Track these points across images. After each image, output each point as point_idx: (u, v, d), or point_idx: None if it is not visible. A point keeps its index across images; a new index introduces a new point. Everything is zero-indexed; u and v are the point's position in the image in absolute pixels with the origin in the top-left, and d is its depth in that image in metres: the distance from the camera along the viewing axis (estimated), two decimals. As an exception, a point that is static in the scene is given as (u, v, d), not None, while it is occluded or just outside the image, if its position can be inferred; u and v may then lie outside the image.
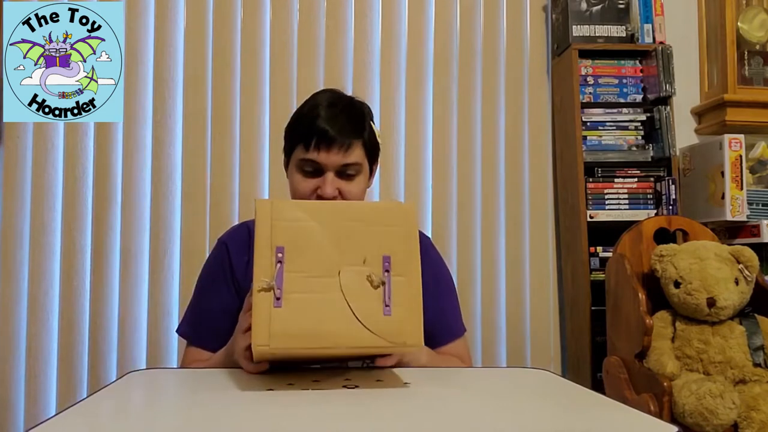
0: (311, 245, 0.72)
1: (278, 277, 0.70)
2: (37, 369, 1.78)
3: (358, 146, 1.03)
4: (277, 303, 0.69)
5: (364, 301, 0.71)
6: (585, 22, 1.91)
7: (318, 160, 1.01)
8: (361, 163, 1.05)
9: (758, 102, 1.98)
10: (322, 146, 1.00)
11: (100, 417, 0.66)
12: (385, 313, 0.70)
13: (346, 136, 1.01)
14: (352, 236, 0.73)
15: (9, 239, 1.80)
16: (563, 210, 1.99)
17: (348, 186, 1.03)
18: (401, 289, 0.72)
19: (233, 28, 1.91)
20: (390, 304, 0.71)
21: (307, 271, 0.71)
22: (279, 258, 0.71)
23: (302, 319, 0.69)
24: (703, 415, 1.28)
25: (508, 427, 0.63)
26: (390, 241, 0.74)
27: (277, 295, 0.69)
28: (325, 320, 0.70)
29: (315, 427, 0.60)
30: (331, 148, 1.00)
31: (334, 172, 1.02)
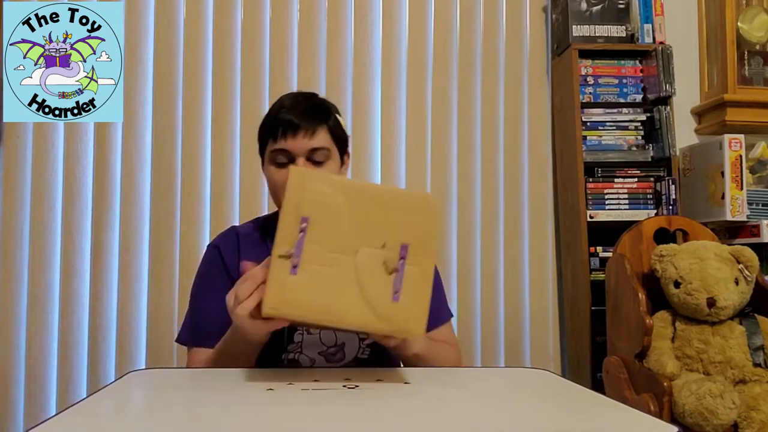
0: (335, 220, 0.73)
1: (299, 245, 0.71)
2: (36, 369, 1.78)
3: (322, 131, 1.07)
4: (293, 271, 0.70)
5: (376, 284, 0.72)
6: (585, 22, 1.91)
7: (286, 148, 1.04)
8: (329, 148, 1.08)
9: (758, 102, 1.98)
10: (288, 133, 1.04)
11: (100, 417, 0.66)
12: (394, 299, 0.72)
13: (309, 122, 1.05)
14: (375, 219, 0.74)
15: (9, 239, 1.80)
16: (563, 210, 1.99)
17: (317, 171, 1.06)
18: (413, 279, 0.73)
19: (233, 27, 1.91)
20: (400, 291, 0.72)
21: (327, 245, 0.72)
22: (302, 227, 0.71)
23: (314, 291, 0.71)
24: (703, 415, 1.28)
25: (508, 427, 0.63)
26: (410, 230, 0.74)
27: (294, 263, 0.70)
28: (336, 296, 0.71)
29: (315, 427, 0.60)
30: (297, 134, 1.04)
31: (304, 158, 1.05)
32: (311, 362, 1.05)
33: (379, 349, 1.06)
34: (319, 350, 1.06)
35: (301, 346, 1.05)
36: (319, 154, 1.05)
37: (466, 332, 1.94)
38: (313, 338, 1.05)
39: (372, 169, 1.95)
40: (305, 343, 1.05)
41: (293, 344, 1.05)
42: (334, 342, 1.06)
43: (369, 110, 1.96)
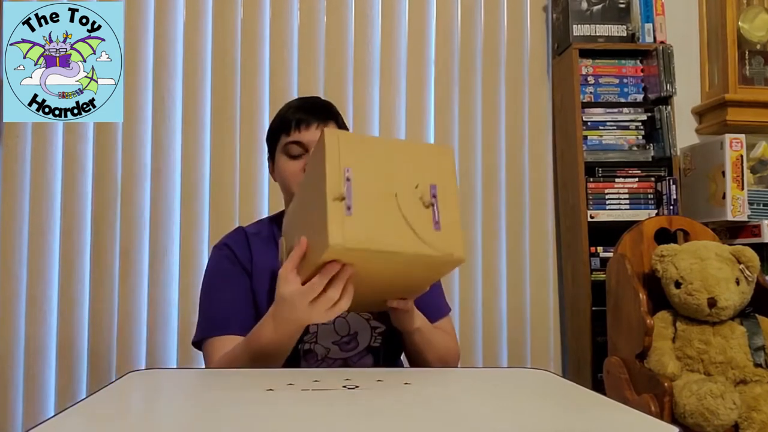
0: (372, 168, 0.81)
1: (348, 191, 0.78)
2: (36, 369, 1.78)
3: (333, 125, 1.12)
4: (349, 211, 0.77)
5: (418, 217, 0.80)
6: (585, 22, 1.91)
7: (301, 140, 1.09)
8: None
9: (759, 102, 1.98)
10: (302, 126, 1.09)
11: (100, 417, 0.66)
12: (435, 228, 0.80)
13: (321, 116, 1.11)
14: (405, 165, 0.83)
15: (8, 239, 1.80)
16: (563, 210, 1.98)
17: None
18: (446, 212, 0.82)
19: (233, 28, 1.91)
20: (439, 221, 0.80)
21: (371, 189, 0.79)
22: (347, 176, 0.78)
23: (370, 226, 0.78)
24: (704, 415, 1.28)
25: (508, 427, 0.63)
26: (436, 172, 0.84)
27: (347, 204, 0.77)
28: (389, 229, 0.78)
29: (315, 427, 0.60)
30: (310, 126, 1.09)
31: None
32: (326, 351, 1.07)
33: (390, 337, 1.09)
34: (333, 340, 1.07)
35: (316, 336, 1.07)
36: None
37: (467, 332, 1.94)
38: (327, 328, 1.07)
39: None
40: (320, 333, 1.07)
41: (309, 334, 1.06)
42: (347, 331, 1.08)
43: (369, 110, 1.96)
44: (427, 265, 0.83)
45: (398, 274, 0.85)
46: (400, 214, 0.78)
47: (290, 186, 1.10)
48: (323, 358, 1.06)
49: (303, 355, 1.06)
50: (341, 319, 1.07)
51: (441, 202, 0.82)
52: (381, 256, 0.78)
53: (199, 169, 1.87)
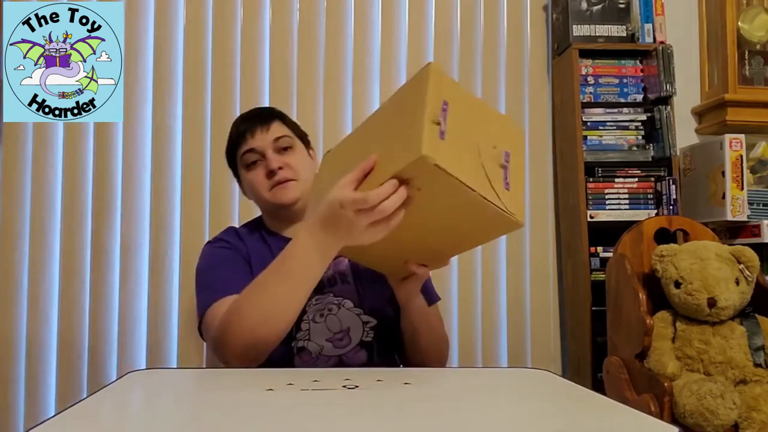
0: (465, 114, 0.81)
1: (444, 120, 0.77)
2: (36, 369, 1.78)
3: (277, 123, 1.16)
4: (442, 137, 0.76)
5: (494, 171, 0.81)
6: (585, 22, 1.91)
7: (252, 146, 1.13)
8: (290, 136, 1.16)
9: (759, 102, 1.98)
10: (248, 134, 1.13)
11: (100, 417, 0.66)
12: (506, 187, 0.81)
13: (263, 119, 1.15)
14: (491, 125, 0.85)
15: (9, 239, 1.80)
16: (563, 210, 1.98)
17: (289, 158, 1.13)
18: (514, 179, 0.83)
19: (233, 28, 1.91)
20: (509, 183, 0.82)
21: (461, 129, 0.79)
22: (444, 108, 0.78)
23: (457, 157, 0.77)
24: (704, 415, 1.28)
25: (508, 427, 0.63)
26: (512, 143, 0.86)
27: (442, 130, 0.76)
28: (471, 168, 0.78)
29: (315, 427, 0.60)
30: (255, 132, 1.13)
31: (272, 150, 1.13)
32: (320, 349, 1.07)
33: (382, 331, 1.10)
34: (327, 337, 1.08)
35: (308, 333, 1.07)
36: (282, 141, 1.14)
37: (467, 332, 1.94)
38: (320, 326, 1.07)
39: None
40: (312, 331, 1.07)
41: (301, 332, 1.07)
42: (339, 328, 1.08)
43: (369, 110, 1.96)
44: (489, 219, 0.82)
45: (456, 221, 0.84)
46: (480, 162, 0.79)
47: (260, 194, 1.14)
48: (317, 355, 1.07)
49: (297, 352, 1.06)
50: (333, 316, 1.08)
51: (512, 168, 0.83)
52: (457, 189, 0.76)
53: (199, 169, 1.87)
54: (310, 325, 1.07)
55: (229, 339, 0.90)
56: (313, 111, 1.93)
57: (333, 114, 1.94)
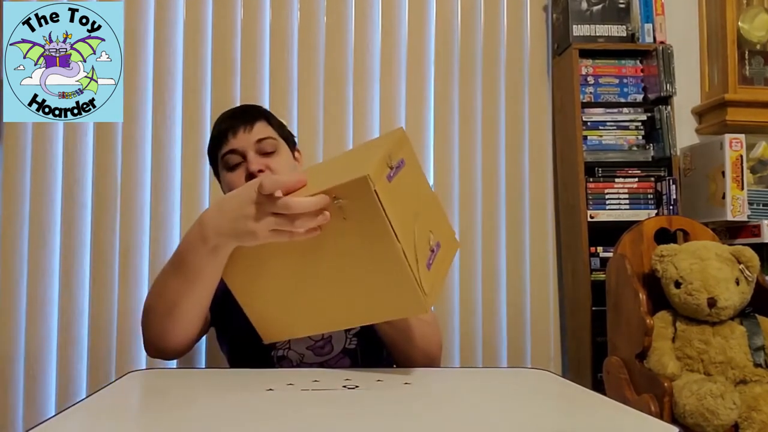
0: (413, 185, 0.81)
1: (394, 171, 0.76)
2: (36, 369, 1.78)
3: (261, 123, 1.11)
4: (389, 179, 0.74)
5: (422, 246, 0.78)
6: (585, 22, 1.91)
7: (234, 147, 1.08)
8: (274, 138, 1.12)
9: (759, 102, 1.98)
10: (229, 134, 1.09)
11: (100, 417, 0.66)
12: (427, 266, 0.78)
13: (246, 118, 1.10)
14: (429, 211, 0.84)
15: (9, 239, 1.79)
16: (563, 210, 1.98)
17: (271, 161, 1.08)
18: (438, 267, 0.81)
19: (233, 28, 1.91)
20: (431, 265, 0.79)
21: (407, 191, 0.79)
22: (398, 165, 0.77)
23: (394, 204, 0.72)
24: (704, 415, 1.28)
25: (508, 427, 0.63)
26: (444, 241, 0.85)
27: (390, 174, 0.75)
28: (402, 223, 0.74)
29: (315, 427, 0.60)
30: (237, 131, 1.09)
31: (254, 152, 1.08)
32: (300, 357, 1.05)
33: (366, 338, 1.07)
34: (307, 345, 1.06)
35: (289, 342, 1.05)
36: (266, 144, 1.09)
37: (467, 333, 1.94)
38: None
39: (372, 169, 1.95)
40: (293, 339, 1.05)
41: (282, 341, 1.05)
42: (321, 335, 1.06)
43: (369, 110, 1.96)
44: (397, 287, 0.74)
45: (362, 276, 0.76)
46: (413, 228, 0.76)
47: None
48: (298, 363, 1.05)
49: (277, 361, 1.04)
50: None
51: (438, 259, 0.81)
52: (381, 232, 0.70)
53: (199, 169, 1.87)
54: None
55: (144, 327, 0.92)
56: (313, 111, 1.93)
57: (333, 114, 1.93)
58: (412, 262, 0.73)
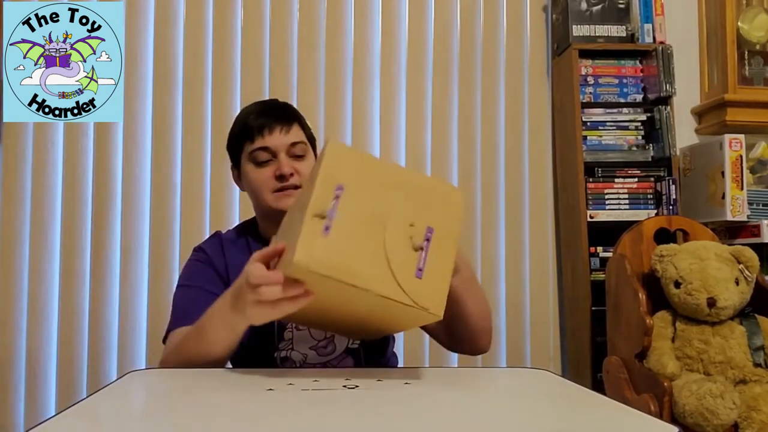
0: (368, 193, 0.75)
1: (332, 210, 0.72)
2: (36, 369, 1.78)
3: (296, 127, 1.10)
4: (326, 231, 0.71)
5: (402, 257, 0.73)
6: (585, 22, 1.91)
7: (267, 145, 1.06)
8: (306, 143, 1.11)
9: (758, 102, 1.98)
10: (265, 131, 1.06)
11: (100, 417, 0.66)
12: (417, 275, 0.72)
13: (284, 118, 1.08)
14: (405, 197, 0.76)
15: (9, 239, 1.80)
16: (563, 210, 1.98)
17: (301, 165, 1.08)
18: (436, 262, 0.74)
19: (233, 28, 1.91)
20: (423, 269, 0.73)
21: (359, 214, 0.73)
22: (337, 194, 0.73)
23: (344, 253, 0.71)
24: (704, 415, 1.28)
25: (508, 427, 0.63)
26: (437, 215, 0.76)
27: (327, 224, 0.71)
28: (364, 261, 0.72)
29: (315, 427, 0.60)
30: (274, 130, 1.07)
31: (285, 153, 1.07)
32: (303, 357, 1.05)
33: None
34: (310, 345, 1.06)
35: (292, 342, 1.05)
36: (298, 148, 1.09)
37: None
38: (303, 334, 1.06)
39: (372, 169, 1.95)
40: (296, 339, 1.05)
41: (284, 341, 1.05)
42: (323, 335, 1.06)
43: (369, 110, 1.96)
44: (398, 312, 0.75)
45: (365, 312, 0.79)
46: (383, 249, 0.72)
47: (262, 194, 1.08)
48: (301, 364, 1.05)
49: (280, 362, 1.05)
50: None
51: (434, 248, 0.74)
52: (346, 289, 0.70)
53: (199, 169, 1.87)
54: (293, 334, 1.05)
55: None
56: (313, 111, 1.93)
57: (333, 114, 1.94)
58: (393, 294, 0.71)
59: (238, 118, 1.13)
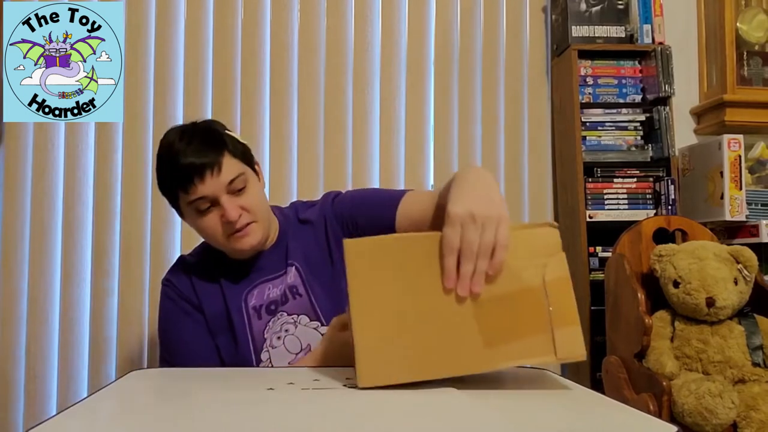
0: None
1: None
2: (37, 369, 1.78)
3: (227, 159, 1.02)
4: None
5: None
6: (584, 23, 1.91)
7: (204, 194, 1.00)
8: (243, 172, 1.04)
9: (757, 102, 1.98)
10: (196, 180, 0.99)
11: (100, 417, 0.66)
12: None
13: (211, 158, 1.00)
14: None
15: (9, 239, 1.80)
16: (562, 210, 1.99)
17: (245, 200, 1.03)
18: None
19: (233, 28, 1.91)
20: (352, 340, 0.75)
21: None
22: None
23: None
24: (703, 414, 1.29)
25: (508, 427, 0.63)
26: None
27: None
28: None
29: (315, 426, 0.60)
30: (205, 177, 0.99)
31: (225, 194, 1.02)
32: None
33: None
34: (288, 360, 1.05)
35: (270, 362, 1.05)
36: (236, 183, 1.02)
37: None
38: (279, 350, 1.05)
39: (372, 169, 1.95)
40: (273, 357, 1.05)
41: (263, 363, 1.05)
42: (300, 347, 1.06)
43: (369, 110, 1.96)
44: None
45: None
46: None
47: (216, 241, 1.05)
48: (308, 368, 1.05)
49: None
50: (291, 336, 1.05)
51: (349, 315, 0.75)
52: None
53: (198, 169, 1.87)
54: (269, 353, 1.05)
55: None
56: (313, 111, 1.93)
57: (333, 114, 1.94)
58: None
59: (162, 155, 1.05)
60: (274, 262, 1.10)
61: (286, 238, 1.14)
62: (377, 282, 0.72)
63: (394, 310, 0.72)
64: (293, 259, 1.11)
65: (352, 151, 1.94)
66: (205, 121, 1.12)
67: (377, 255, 0.73)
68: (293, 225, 1.16)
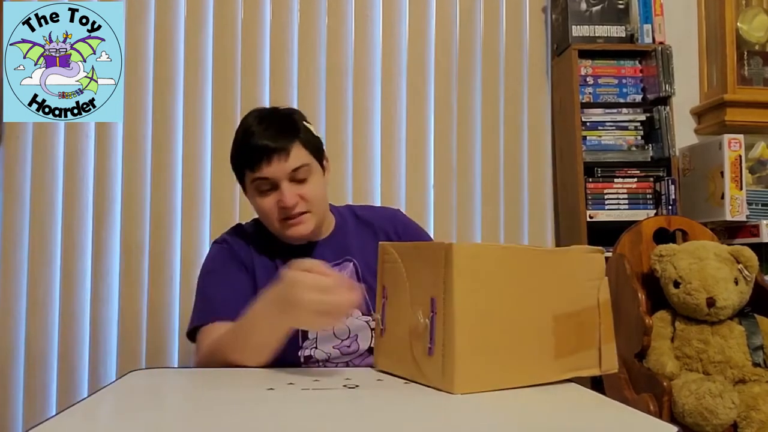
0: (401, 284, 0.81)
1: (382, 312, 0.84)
2: (37, 369, 1.78)
3: (296, 148, 1.06)
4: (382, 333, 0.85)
5: (418, 339, 0.77)
6: (585, 23, 1.91)
7: (267, 175, 1.04)
8: (308, 163, 1.08)
9: (758, 102, 1.98)
10: (263, 161, 1.04)
11: (100, 417, 0.66)
12: (429, 353, 0.74)
13: (282, 144, 1.04)
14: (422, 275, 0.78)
15: (9, 239, 1.80)
16: (563, 210, 1.99)
17: (305, 189, 1.07)
18: (441, 332, 0.73)
19: (233, 28, 1.91)
20: (433, 345, 0.74)
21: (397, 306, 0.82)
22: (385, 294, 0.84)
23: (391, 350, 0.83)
24: (703, 414, 1.28)
25: (509, 427, 0.63)
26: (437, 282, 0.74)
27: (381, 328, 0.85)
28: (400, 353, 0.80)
29: (315, 427, 0.60)
30: (272, 160, 1.04)
31: (287, 180, 1.05)
32: (327, 356, 1.07)
33: None
34: (334, 344, 1.07)
35: (316, 341, 1.07)
36: (300, 172, 1.06)
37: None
38: (328, 334, 1.07)
39: (372, 170, 1.95)
40: (320, 339, 1.07)
41: (308, 340, 1.06)
42: (347, 334, 1.08)
43: (369, 111, 1.96)
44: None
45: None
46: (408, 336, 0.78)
47: (268, 222, 1.08)
48: (324, 362, 1.07)
49: (304, 361, 1.06)
50: (341, 325, 1.07)
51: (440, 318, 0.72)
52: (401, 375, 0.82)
53: (199, 169, 1.87)
54: (317, 333, 1.06)
55: None
56: (313, 111, 1.93)
57: (333, 114, 1.94)
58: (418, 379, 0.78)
59: (239, 133, 1.10)
60: (330, 254, 1.12)
61: (343, 233, 1.17)
62: (482, 287, 0.74)
63: (495, 317, 0.74)
64: (352, 255, 1.14)
65: (352, 151, 1.94)
66: (288, 108, 1.16)
67: (485, 261, 0.75)
68: (351, 223, 1.21)
